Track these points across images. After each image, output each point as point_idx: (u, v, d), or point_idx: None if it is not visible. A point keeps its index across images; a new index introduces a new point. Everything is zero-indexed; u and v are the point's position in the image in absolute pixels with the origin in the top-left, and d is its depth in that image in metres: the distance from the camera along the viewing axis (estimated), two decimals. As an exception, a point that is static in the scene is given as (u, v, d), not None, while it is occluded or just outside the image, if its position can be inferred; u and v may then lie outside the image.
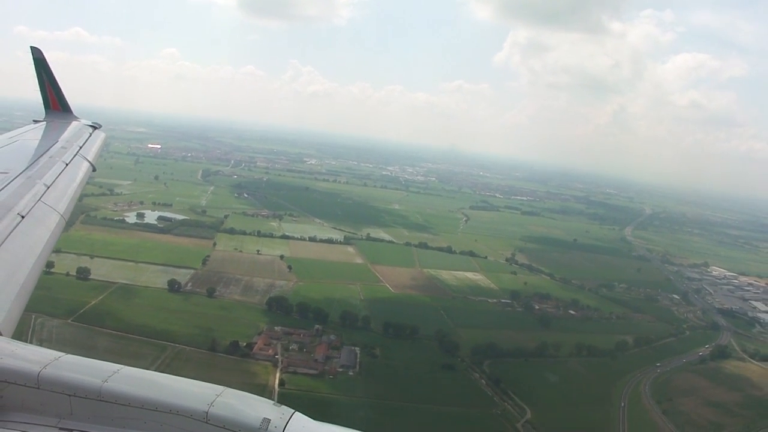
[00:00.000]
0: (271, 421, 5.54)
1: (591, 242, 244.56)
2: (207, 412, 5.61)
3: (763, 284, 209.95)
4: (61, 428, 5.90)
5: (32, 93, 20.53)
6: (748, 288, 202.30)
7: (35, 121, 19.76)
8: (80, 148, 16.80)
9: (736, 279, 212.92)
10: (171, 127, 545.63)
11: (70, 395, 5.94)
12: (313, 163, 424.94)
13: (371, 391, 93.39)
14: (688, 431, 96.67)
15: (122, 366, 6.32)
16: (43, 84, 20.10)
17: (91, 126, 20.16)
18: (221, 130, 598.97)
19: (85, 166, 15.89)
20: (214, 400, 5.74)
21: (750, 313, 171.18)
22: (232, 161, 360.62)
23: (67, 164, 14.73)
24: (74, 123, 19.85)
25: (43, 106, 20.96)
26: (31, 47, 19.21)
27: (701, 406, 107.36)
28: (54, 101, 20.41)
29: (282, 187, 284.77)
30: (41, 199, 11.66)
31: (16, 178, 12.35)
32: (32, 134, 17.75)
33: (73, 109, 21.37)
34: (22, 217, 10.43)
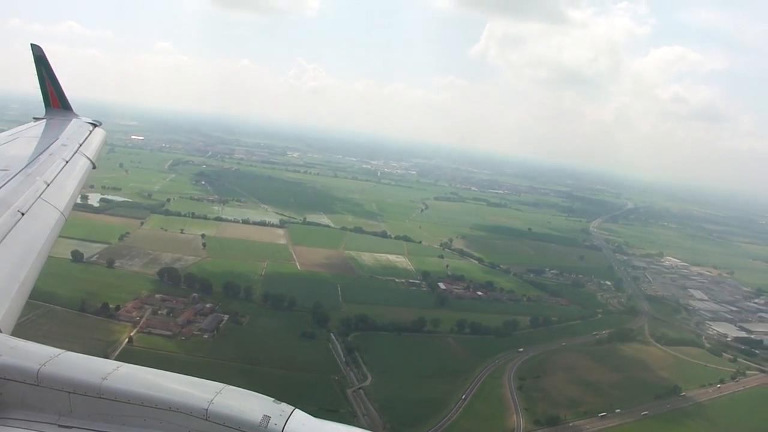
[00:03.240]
0: (271, 419, 5.57)
1: (547, 232, 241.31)
2: (207, 410, 5.63)
3: (715, 275, 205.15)
4: (60, 425, 5.88)
5: (29, 87, 20.87)
6: (695, 277, 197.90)
7: (35, 119, 19.78)
8: (80, 145, 16.85)
9: (686, 269, 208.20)
10: (165, 120, 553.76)
11: (69, 392, 5.92)
12: (294, 156, 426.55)
13: (216, 352, 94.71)
14: (539, 407, 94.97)
15: (122, 363, 6.35)
16: (44, 81, 19.89)
17: (91, 123, 20.20)
18: (215, 124, 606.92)
19: (85, 163, 16.00)
20: (214, 398, 5.76)
21: (681, 300, 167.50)
22: (210, 152, 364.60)
23: (67, 162, 14.73)
24: (74, 120, 19.85)
25: (43, 103, 20.99)
26: (31, 44, 19.05)
27: (568, 384, 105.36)
28: (54, 99, 20.30)
29: (246, 176, 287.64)
30: (41, 197, 11.67)
31: (16, 175, 12.36)
32: (32, 132, 17.88)
33: (72, 105, 21.48)
34: (22, 214, 10.43)
